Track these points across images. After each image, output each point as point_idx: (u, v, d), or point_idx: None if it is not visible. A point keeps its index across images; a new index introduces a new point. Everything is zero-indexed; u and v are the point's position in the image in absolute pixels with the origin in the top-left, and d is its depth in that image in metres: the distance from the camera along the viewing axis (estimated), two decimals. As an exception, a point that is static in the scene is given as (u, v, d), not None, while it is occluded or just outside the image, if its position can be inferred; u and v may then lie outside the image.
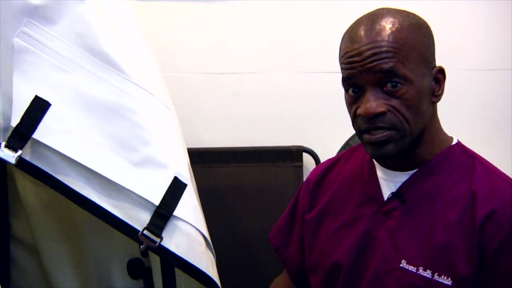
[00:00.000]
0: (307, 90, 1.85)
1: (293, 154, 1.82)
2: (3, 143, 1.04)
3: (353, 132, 1.48)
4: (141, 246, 1.12)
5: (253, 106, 1.86)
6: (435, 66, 1.03)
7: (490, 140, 1.82)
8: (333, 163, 1.20)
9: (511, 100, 1.81)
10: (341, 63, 1.02)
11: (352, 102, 1.01)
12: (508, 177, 1.04)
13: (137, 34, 1.25)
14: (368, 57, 0.96)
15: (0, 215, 1.57)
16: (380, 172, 1.09)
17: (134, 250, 1.47)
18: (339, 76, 1.03)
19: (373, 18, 1.00)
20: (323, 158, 1.75)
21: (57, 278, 1.54)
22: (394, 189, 1.06)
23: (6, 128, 1.06)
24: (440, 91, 1.03)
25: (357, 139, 1.46)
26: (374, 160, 1.11)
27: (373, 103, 0.96)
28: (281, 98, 1.86)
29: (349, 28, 1.02)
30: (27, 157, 1.07)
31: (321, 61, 1.83)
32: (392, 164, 1.07)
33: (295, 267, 1.24)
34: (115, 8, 1.21)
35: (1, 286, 0.96)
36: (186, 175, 1.19)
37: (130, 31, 1.23)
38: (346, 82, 1.01)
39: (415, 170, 1.05)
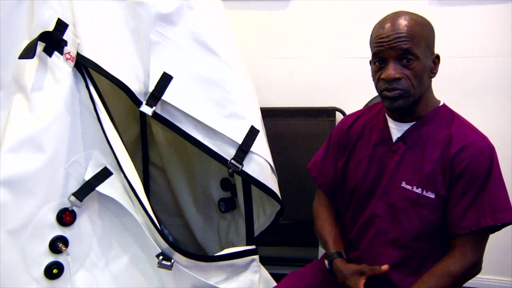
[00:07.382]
0: (340, 70, 1.80)
1: (329, 112, 1.78)
2: (144, 102, 1.10)
3: (369, 99, 1.45)
4: (229, 170, 1.16)
5: (302, 80, 1.83)
6: (433, 53, 1.00)
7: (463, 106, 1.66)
8: (358, 115, 1.16)
9: (472, 79, 1.67)
10: (372, 43, 0.99)
11: (377, 70, 0.99)
12: (474, 127, 1.02)
13: (228, 31, 1.25)
14: (393, 39, 0.95)
15: (143, 148, 1.67)
16: (390, 123, 1.07)
17: (224, 172, 1.51)
18: (361, 61, 1.02)
19: (397, 15, 0.98)
20: (349, 115, 1.70)
21: (177, 189, 1.62)
22: (399, 135, 1.04)
23: (145, 93, 1.11)
24: (436, 71, 1.00)
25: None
26: (386, 114, 1.07)
27: (392, 71, 0.95)
28: (321, 74, 1.82)
29: (378, 22, 1.00)
30: (158, 111, 1.11)
31: (349, 50, 1.77)
32: (399, 117, 1.04)
33: (328, 188, 1.18)
34: (213, 13, 1.21)
35: (145, 193, 1.02)
36: (259, 125, 1.21)
37: (223, 29, 1.23)
38: (375, 56, 0.99)
39: (414, 122, 1.03)
